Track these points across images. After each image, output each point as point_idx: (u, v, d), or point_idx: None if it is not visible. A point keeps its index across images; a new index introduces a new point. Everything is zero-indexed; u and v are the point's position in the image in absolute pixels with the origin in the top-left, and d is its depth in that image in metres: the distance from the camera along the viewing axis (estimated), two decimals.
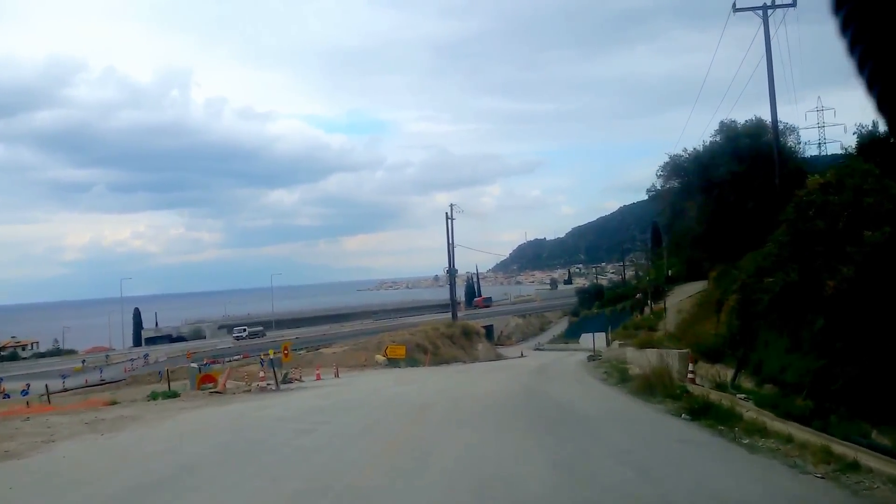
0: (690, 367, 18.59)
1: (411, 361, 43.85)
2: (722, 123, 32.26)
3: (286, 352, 34.38)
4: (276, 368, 24.57)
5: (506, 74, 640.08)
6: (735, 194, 29.21)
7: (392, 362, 42.52)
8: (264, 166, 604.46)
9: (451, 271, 59.44)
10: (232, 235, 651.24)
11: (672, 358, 21.54)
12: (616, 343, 42.10)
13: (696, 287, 61.49)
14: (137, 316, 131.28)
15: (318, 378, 34.35)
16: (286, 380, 33.35)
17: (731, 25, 27.22)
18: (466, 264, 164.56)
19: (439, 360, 47.63)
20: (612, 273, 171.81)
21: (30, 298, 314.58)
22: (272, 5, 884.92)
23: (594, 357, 37.14)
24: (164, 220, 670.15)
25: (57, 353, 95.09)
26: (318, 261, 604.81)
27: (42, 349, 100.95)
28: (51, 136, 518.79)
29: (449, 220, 59.83)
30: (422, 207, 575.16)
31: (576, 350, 73.40)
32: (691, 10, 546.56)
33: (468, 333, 58.47)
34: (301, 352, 69.53)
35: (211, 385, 27.10)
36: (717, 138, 31.87)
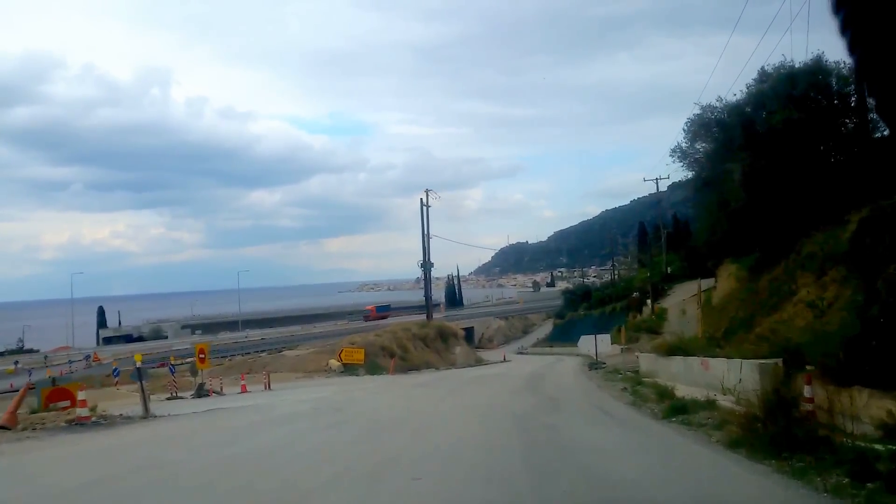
0: (807, 393, 10.18)
1: (373, 367, 35.31)
2: (763, 71, 24.23)
3: (202, 356, 25.75)
4: (142, 381, 15.86)
5: (488, 78, 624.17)
6: (794, 148, 21.17)
7: (349, 369, 33.93)
8: (245, 166, 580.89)
9: (427, 265, 50.88)
10: (212, 236, 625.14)
11: (750, 372, 13.33)
12: (617, 347, 33.82)
13: (696, 286, 53.50)
14: (101, 315, 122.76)
15: (244, 390, 25.85)
16: (201, 392, 24.81)
17: (714, 34, 19.60)
18: (448, 266, 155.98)
19: (409, 365, 39.13)
20: (594, 277, 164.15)
21: (7, 297, 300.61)
22: (254, 5, 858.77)
23: (597, 365, 28.85)
24: (143, 220, 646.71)
25: (18, 352, 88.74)
26: (299, 262, 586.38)
27: (3, 349, 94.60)
28: (28, 132, 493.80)
29: (424, 208, 51.40)
30: (404, 210, 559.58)
31: (562, 354, 65.25)
32: (671, 18, 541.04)
33: (444, 335, 49.93)
34: (263, 354, 61.45)
35: (64, 402, 18.69)
36: (763, 86, 23.82)
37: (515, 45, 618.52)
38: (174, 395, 25.75)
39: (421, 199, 51.77)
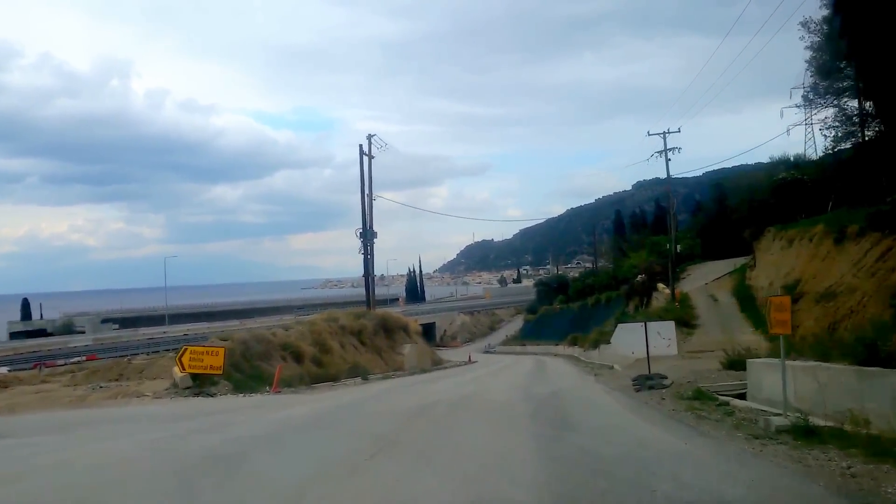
0: None
1: (248, 380, 19.88)
2: None
3: None
4: None
5: (455, 77, 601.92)
6: None
7: (198, 382, 18.23)
8: (207, 161, 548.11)
9: (367, 233, 35.43)
10: (174, 231, 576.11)
11: None
12: (670, 345, 18.87)
13: (720, 267, 39.77)
14: (25, 308, 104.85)
15: None
16: None
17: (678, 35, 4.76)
18: (410, 261, 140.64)
19: (323, 373, 23.85)
20: (560, 273, 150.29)
21: None
22: None
23: (652, 380, 13.88)
24: (102, 214, 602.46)
25: None
26: (263, 259, 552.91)
27: None
28: None
29: (364, 157, 36.03)
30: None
31: (538, 353, 50.69)
32: (637, 18, 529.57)
33: (390, 329, 34.56)
34: (171, 353, 46.01)
35: None
36: None
37: (482, 44, 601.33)
38: None
39: (360, 146, 36.46)
